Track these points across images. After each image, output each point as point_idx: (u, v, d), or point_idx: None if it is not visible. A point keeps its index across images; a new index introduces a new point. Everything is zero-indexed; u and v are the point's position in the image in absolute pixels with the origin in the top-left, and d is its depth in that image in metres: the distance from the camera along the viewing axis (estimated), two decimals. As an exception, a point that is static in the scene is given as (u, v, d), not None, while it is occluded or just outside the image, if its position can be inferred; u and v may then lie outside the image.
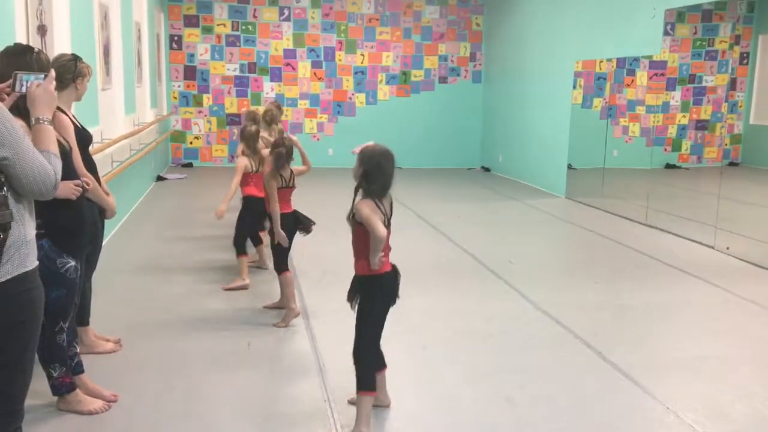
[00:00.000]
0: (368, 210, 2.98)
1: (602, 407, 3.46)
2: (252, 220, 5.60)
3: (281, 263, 4.57)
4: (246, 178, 5.42)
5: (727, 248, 6.71)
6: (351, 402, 3.25)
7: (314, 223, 4.71)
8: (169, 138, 12.25)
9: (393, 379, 3.68)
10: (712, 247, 6.85)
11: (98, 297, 4.17)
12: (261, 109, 6.82)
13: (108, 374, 3.60)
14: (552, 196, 10.11)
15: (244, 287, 5.20)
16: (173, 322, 4.49)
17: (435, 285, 5.50)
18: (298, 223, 4.63)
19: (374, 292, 3.06)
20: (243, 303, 4.93)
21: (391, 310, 3.18)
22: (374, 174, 3.05)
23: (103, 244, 4.42)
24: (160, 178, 10.70)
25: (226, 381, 3.62)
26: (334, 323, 4.48)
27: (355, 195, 3.11)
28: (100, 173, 4.09)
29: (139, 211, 8.26)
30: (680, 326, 4.76)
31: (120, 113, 7.66)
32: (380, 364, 3.22)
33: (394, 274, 3.14)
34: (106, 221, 3.93)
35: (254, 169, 5.40)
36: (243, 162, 5.33)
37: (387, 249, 3.09)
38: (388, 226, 3.06)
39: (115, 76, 7.50)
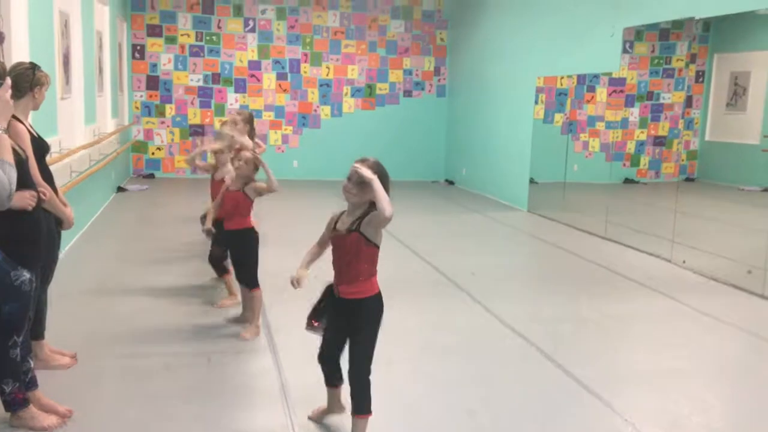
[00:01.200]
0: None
1: (563, 419, 3.49)
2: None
3: (254, 278, 4.53)
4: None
5: (684, 262, 6.86)
6: (311, 418, 3.21)
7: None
8: (130, 148, 12.07)
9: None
10: (669, 261, 7.00)
11: (54, 310, 4.08)
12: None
13: (63, 389, 3.51)
14: (514, 210, 10.23)
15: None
16: (131, 337, 4.41)
17: (398, 298, 5.48)
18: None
19: (379, 311, 3.04)
20: (203, 317, 4.87)
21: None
22: (387, 186, 2.97)
23: (61, 256, 4.33)
24: (120, 189, 10.53)
25: (185, 397, 3.57)
26: (296, 339, 4.44)
27: (353, 211, 2.99)
28: (59, 183, 4.02)
29: (99, 222, 8.11)
30: (638, 339, 4.84)
31: (79, 123, 7.53)
32: (339, 381, 3.20)
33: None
34: (64, 232, 3.85)
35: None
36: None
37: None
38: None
39: (74, 85, 7.37)
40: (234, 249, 4.75)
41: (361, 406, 3.01)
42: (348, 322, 3.00)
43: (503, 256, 7.50)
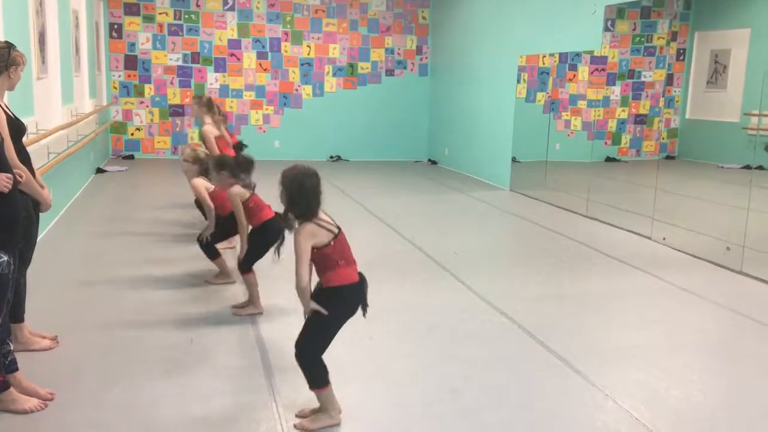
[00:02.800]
0: (303, 241, 2.92)
1: (544, 395, 3.53)
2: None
3: (250, 264, 4.54)
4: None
5: (664, 239, 6.93)
6: (299, 415, 3.16)
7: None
8: (109, 129, 11.93)
9: (338, 371, 3.69)
10: (650, 238, 7.06)
11: (34, 293, 4.04)
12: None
13: (44, 372, 3.49)
14: (497, 189, 10.26)
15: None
16: (112, 319, 4.38)
17: (381, 278, 5.50)
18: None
19: (334, 304, 3.00)
20: (185, 299, 4.85)
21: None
22: (298, 196, 2.97)
23: (39, 238, 4.28)
24: (100, 171, 10.41)
25: (167, 378, 3.56)
26: (281, 319, 4.45)
27: (287, 217, 3.02)
28: (36, 165, 3.96)
29: (78, 204, 8.03)
30: (618, 315, 4.90)
31: (56, 103, 7.41)
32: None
33: (361, 284, 3.11)
34: (42, 215, 3.81)
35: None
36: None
37: (352, 260, 3.06)
38: (336, 235, 3.01)
39: (51, 65, 7.25)
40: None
41: (312, 382, 3.06)
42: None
43: (486, 235, 7.53)
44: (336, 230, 3.03)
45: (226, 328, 4.29)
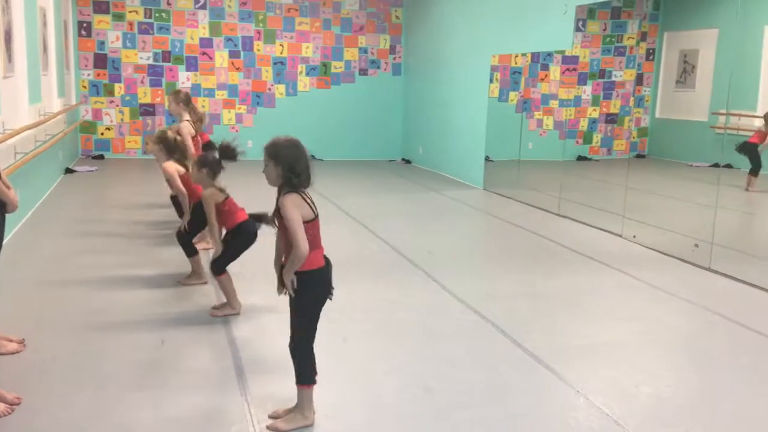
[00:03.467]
0: (294, 210, 2.85)
1: (517, 393, 3.55)
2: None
3: (222, 266, 4.49)
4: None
5: (634, 236, 7.01)
6: (272, 416, 3.12)
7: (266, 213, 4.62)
8: (78, 129, 11.75)
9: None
10: (620, 236, 7.15)
11: (0, 295, 3.96)
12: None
13: (11, 376, 3.42)
14: (470, 188, 10.30)
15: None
16: (81, 321, 4.32)
17: (355, 277, 5.51)
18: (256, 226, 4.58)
19: (308, 288, 2.97)
20: (156, 300, 4.79)
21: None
22: (296, 164, 2.93)
23: (6, 240, 4.20)
24: (69, 171, 10.25)
25: (138, 381, 3.51)
26: (253, 319, 4.42)
27: (280, 194, 2.98)
28: (2, 165, 3.89)
29: (46, 205, 7.90)
30: (590, 312, 4.95)
31: (23, 102, 7.28)
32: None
33: (327, 267, 3.06)
34: (8, 216, 3.73)
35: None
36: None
37: (319, 245, 3.03)
38: (316, 217, 3.01)
39: (17, 63, 7.11)
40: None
41: (299, 376, 3.05)
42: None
43: (459, 234, 7.55)
44: (316, 211, 3.00)
45: (197, 329, 4.25)
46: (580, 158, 11.95)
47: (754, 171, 7.99)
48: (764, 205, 8.82)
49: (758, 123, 8.53)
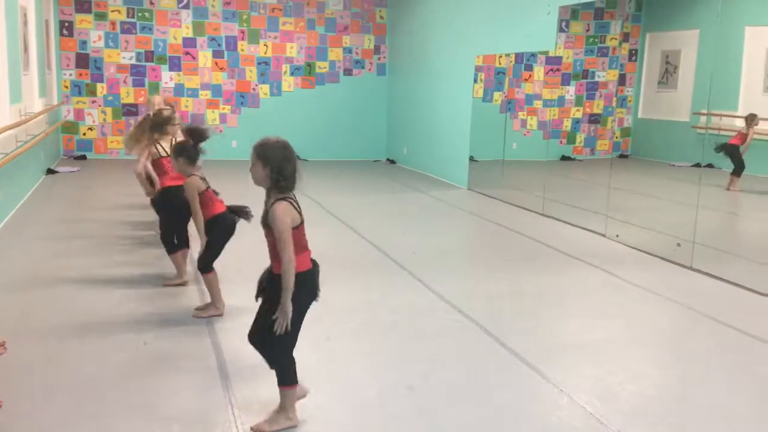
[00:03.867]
0: (285, 220, 2.83)
1: (501, 392, 3.56)
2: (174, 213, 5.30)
3: (209, 262, 4.46)
4: (162, 167, 5.17)
5: (617, 236, 7.06)
6: (254, 429, 3.04)
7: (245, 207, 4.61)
8: (60, 129, 11.64)
9: (297, 371, 3.66)
10: (603, 235, 7.19)
11: (-21, 298, 3.91)
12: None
13: (-10, 380, 3.39)
14: (455, 188, 10.32)
15: (183, 284, 5.03)
16: (63, 322, 4.27)
17: (340, 277, 5.50)
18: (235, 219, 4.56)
19: (302, 292, 2.93)
20: (138, 302, 4.76)
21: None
22: (285, 166, 2.91)
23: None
24: (51, 171, 10.15)
25: (119, 383, 3.48)
26: (236, 320, 4.40)
27: (269, 197, 2.95)
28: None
29: (28, 205, 7.81)
30: (573, 311, 4.97)
31: (4, 102, 7.20)
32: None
33: (314, 269, 3.04)
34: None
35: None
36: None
37: (306, 247, 3.01)
38: (302, 221, 2.98)
39: (-3, 62, 7.04)
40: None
41: (281, 378, 3.03)
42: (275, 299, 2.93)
43: (444, 234, 7.56)
44: (302, 216, 3.00)
45: (180, 330, 4.22)
46: (564, 158, 12.02)
47: (737, 172, 8.06)
48: (745, 204, 8.92)
49: (739, 123, 8.62)
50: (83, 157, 11.86)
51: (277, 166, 2.91)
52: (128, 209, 7.75)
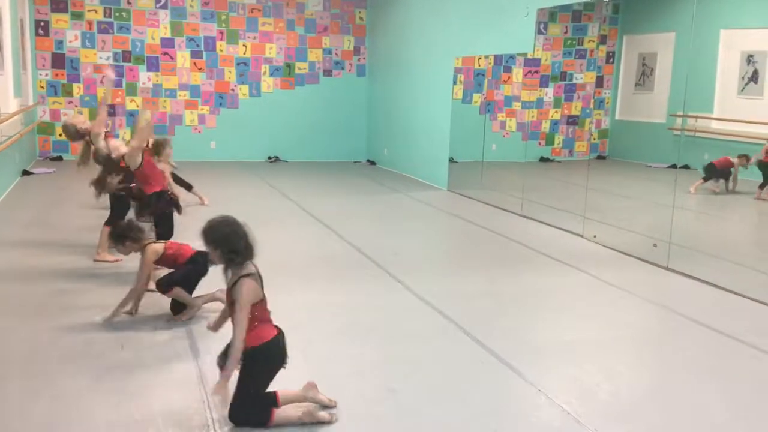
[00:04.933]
0: (249, 299, 2.92)
1: (481, 392, 3.58)
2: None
3: (169, 284, 4.42)
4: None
5: (594, 236, 7.13)
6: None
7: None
8: (35, 130, 11.50)
9: (278, 376, 3.66)
10: (581, 236, 7.25)
11: (-47, 302, 3.86)
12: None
13: (-35, 385, 3.34)
14: (435, 189, 10.35)
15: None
16: (38, 325, 4.22)
17: (320, 279, 5.49)
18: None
19: (262, 362, 3.00)
20: (114, 306, 4.71)
21: (275, 305, 3.16)
22: (234, 243, 2.95)
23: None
24: (26, 173, 10.03)
25: (96, 384, 3.45)
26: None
27: (227, 272, 3.02)
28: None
29: (2, 207, 7.71)
30: (551, 311, 5.01)
31: (-22, 103, 7.10)
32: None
33: (280, 336, 3.09)
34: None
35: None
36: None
37: (268, 319, 3.05)
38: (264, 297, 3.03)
39: (-29, 62, 6.94)
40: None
41: (259, 426, 3.02)
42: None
43: (424, 235, 7.58)
44: (263, 293, 3.03)
45: (158, 333, 4.19)
46: (543, 159, 12.11)
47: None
48: (720, 205, 9.04)
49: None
50: (59, 159, 11.72)
51: (227, 246, 2.96)
52: (105, 210, 7.66)
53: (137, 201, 5.42)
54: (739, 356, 4.22)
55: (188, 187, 7.91)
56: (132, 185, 5.48)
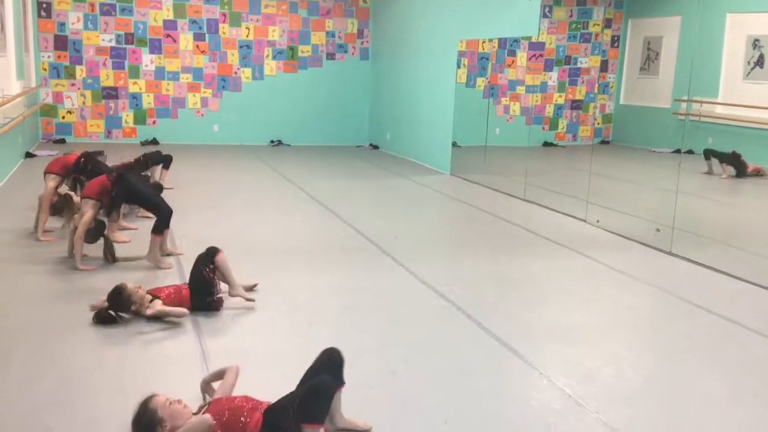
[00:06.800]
0: None
1: (482, 375, 3.59)
2: None
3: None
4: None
5: (597, 221, 7.12)
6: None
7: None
8: (38, 112, 11.48)
9: (278, 358, 3.68)
10: (584, 221, 7.24)
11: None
12: None
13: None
14: (437, 173, 10.33)
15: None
16: (43, 304, 4.24)
17: (322, 263, 5.50)
18: None
19: None
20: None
21: (278, 289, 3.17)
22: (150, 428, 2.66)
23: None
24: (29, 155, 10.03)
25: (101, 365, 3.47)
26: (222, 314, 4.39)
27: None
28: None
29: (6, 188, 7.72)
30: (554, 296, 5.01)
31: (-20, 84, 7.09)
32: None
33: None
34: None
35: None
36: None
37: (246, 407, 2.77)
38: (207, 406, 2.79)
39: (-27, 43, 6.91)
40: None
41: None
42: None
43: (426, 219, 7.58)
44: (203, 410, 2.75)
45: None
46: (546, 144, 12.08)
47: None
48: (723, 189, 9.02)
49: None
50: (62, 141, 11.72)
51: None
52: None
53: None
54: (740, 341, 4.23)
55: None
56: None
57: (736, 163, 8.70)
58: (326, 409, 2.77)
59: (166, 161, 8.03)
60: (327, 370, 2.88)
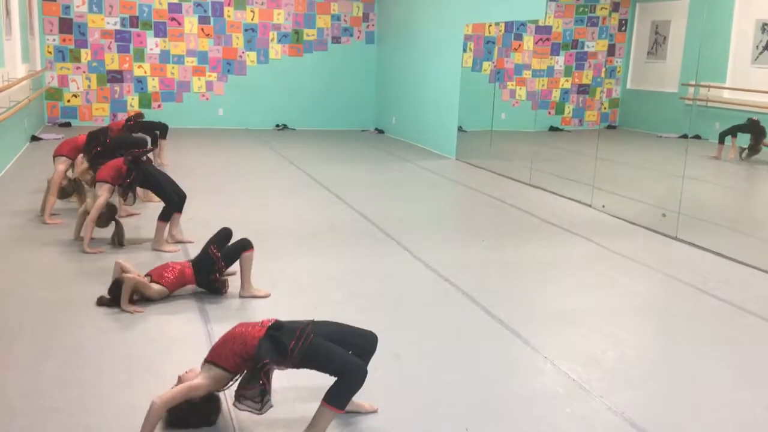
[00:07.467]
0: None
1: (486, 359, 3.60)
2: None
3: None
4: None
5: (603, 206, 7.10)
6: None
7: None
8: (44, 95, 11.48)
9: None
10: (590, 206, 7.23)
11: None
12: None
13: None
14: (443, 158, 10.31)
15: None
16: (50, 286, 4.27)
17: (327, 246, 5.51)
18: None
19: None
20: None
21: (282, 273, 3.17)
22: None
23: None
24: (35, 138, 10.04)
25: (107, 345, 3.49)
26: (230, 305, 4.41)
27: None
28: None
29: (12, 171, 7.74)
30: (558, 280, 5.01)
31: (-14, 67, 7.09)
32: None
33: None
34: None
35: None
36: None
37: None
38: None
39: (-22, 26, 6.90)
40: None
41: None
42: None
43: (431, 204, 7.58)
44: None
45: (171, 303, 4.22)
46: (552, 129, 12.04)
47: None
48: (730, 174, 8.98)
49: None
50: (68, 125, 11.72)
51: None
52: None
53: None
54: (745, 325, 4.22)
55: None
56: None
57: (754, 130, 8.42)
58: (350, 398, 2.81)
59: (162, 130, 8.07)
60: (361, 352, 2.93)
